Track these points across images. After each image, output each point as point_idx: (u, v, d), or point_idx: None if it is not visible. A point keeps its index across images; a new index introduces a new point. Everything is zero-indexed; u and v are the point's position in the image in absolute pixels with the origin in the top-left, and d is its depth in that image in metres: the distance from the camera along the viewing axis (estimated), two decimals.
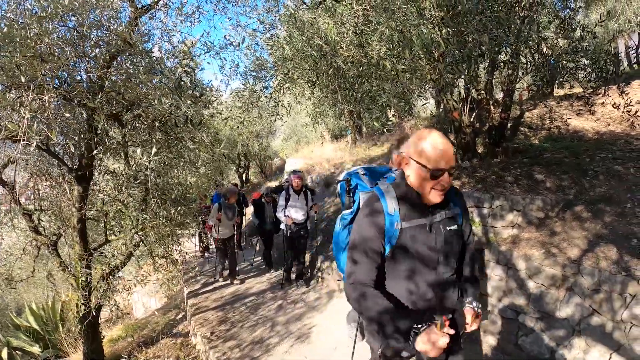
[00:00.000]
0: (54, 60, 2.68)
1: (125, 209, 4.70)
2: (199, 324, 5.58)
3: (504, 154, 6.22)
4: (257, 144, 18.82)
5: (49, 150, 3.99)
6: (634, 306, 3.26)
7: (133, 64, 3.69)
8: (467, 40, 3.58)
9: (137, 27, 3.54)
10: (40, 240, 4.96)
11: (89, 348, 5.08)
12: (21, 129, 2.47)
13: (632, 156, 5.14)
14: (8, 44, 2.44)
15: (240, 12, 4.87)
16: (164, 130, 3.90)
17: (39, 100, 2.77)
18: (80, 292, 4.62)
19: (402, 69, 3.55)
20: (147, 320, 7.70)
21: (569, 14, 4.62)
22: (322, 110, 6.10)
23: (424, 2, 3.55)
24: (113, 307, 4.89)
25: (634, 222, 4.07)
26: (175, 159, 4.41)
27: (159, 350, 5.63)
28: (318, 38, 4.12)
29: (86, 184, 4.38)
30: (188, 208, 5.05)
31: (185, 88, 3.16)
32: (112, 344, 6.47)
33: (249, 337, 4.96)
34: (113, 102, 3.52)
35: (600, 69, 4.82)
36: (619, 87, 4.89)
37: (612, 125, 6.57)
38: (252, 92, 5.48)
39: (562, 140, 6.48)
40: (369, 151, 11.40)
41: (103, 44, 3.30)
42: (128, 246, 4.91)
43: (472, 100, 6.08)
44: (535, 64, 4.48)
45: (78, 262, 4.63)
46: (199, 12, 3.93)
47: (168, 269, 5.11)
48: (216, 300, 6.56)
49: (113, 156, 4.66)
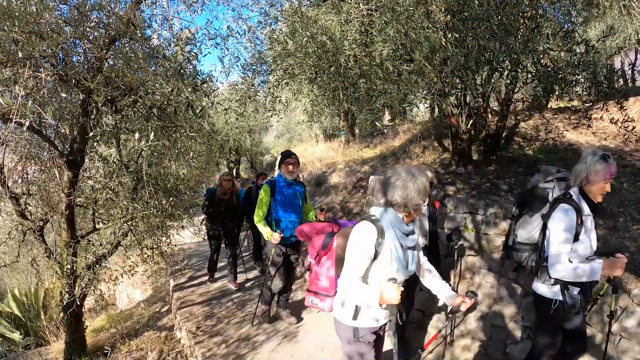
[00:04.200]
0: (53, 38, 2.61)
1: (115, 197, 4.61)
2: (184, 318, 5.50)
3: (499, 162, 6.24)
4: (250, 139, 18.71)
5: (40, 133, 3.90)
6: (624, 319, 3.27)
7: (132, 49, 3.61)
8: (472, 46, 3.57)
9: (138, 11, 3.47)
10: (26, 225, 4.85)
11: (71, 337, 4.97)
12: (14, 107, 2.39)
13: (625, 172, 5.18)
14: (7, 19, 2.37)
15: (243, 4, 4.82)
16: (161, 118, 3.83)
17: (34, 78, 2.68)
18: (64, 280, 4.52)
19: (408, 71, 3.52)
20: (132, 312, 7.58)
21: (572, 27, 4.65)
22: (319, 108, 6.06)
23: (431, 6, 3.54)
24: (98, 297, 4.79)
25: (626, 236, 4.09)
26: (170, 148, 4.34)
27: (142, 342, 5.53)
28: (322, 34, 4.09)
29: (77, 169, 4.28)
30: (180, 200, 4.98)
31: (186, 75, 3.10)
32: (94, 334, 6.34)
33: (235, 333, 4.89)
34: (110, 86, 3.44)
35: (599, 84, 4.86)
36: (617, 102, 4.92)
37: (607, 140, 6.62)
38: (251, 86, 5.42)
39: (557, 152, 6.52)
40: (362, 153, 11.38)
41: (103, 25, 3.22)
42: (117, 235, 4.81)
43: (470, 107, 6.09)
44: (538, 75, 4.49)
45: (64, 249, 4.53)
46: (202, 0, 3.87)
47: (156, 260, 5.03)
48: (202, 295, 6.47)
49: (105, 143, 4.57)
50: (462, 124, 5.97)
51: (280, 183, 4.62)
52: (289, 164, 4.58)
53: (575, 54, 4.44)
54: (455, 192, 5.48)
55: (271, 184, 4.64)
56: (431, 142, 8.17)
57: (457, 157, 6.31)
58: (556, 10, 5.26)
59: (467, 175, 5.97)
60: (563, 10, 5.29)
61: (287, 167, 4.57)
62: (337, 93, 4.68)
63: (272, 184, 4.63)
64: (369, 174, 8.47)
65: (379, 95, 4.17)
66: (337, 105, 5.47)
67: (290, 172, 4.58)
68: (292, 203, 4.64)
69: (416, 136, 9.08)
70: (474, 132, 6.30)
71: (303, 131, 19.55)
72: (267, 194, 4.59)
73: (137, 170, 4.30)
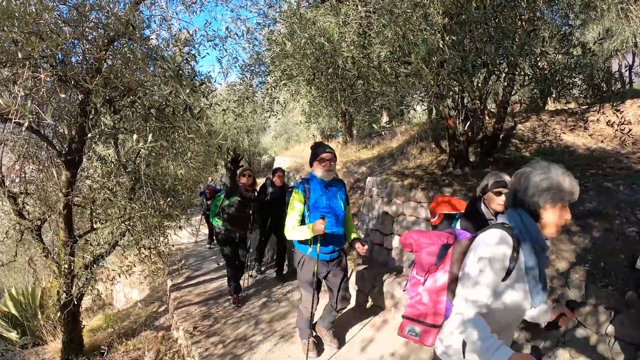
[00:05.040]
0: (52, 39, 2.62)
1: (113, 197, 4.62)
2: (181, 318, 5.51)
3: (495, 164, 6.26)
4: (248, 140, 18.76)
5: (39, 133, 3.90)
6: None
7: (131, 50, 3.62)
8: (470, 49, 3.59)
9: (137, 11, 3.48)
10: (24, 225, 4.85)
11: (68, 337, 4.98)
12: (13, 107, 2.40)
13: (621, 174, 5.21)
14: (7, 19, 2.38)
15: (241, 5, 4.85)
16: (160, 119, 3.84)
17: (33, 78, 2.69)
18: (62, 279, 4.53)
19: (405, 73, 3.54)
20: (129, 312, 7.59)
21: (569, 30, 4.67)
22: (317, 109, 6.08)
23: (428, 8, 3.55)
24: (95, 296, 4.80)
25: (622, 238, 4.12)
26: (168, 149, 4.35)
27: (139, 342, 5.54)
28: (320, 36, 4.10)
29: (75, 169, 4.29)
30: (177, 200, 5.00)
31: (184, 76, 3.11)
32: (92, 333, 6.35)
33: (232, 333, 4.90)
34: (109, 87, 3.45)
35: (596, 86, 4.88)
36: (613, 105, 4.95)
37: (604, 142, 6.66)
38: (249, 87, 5.43)
39: (553, 154, 6.55)
40: (359, 153, 11.40)
41: (102, 26, 3.23)
42: (114, 235, 4.82)
43: (467, 109, 6.11)
44: (535, 78, 4.51)
45: (62, 248, 4.54)
46: (201, 1, 3.88)
47: (153, 260, 5.04)
48: (200, 295, 6.49)
49: (104, 143, 4.58)
50: (459, 126, 5.99)
51: (314, 184, 3.75)
52: (324, 160, 3.68)
53: (572, 56, 4.46)
54: (452, 194, 5.50)
55: (304, 186, 3.76)
56: (428, 143, 8.20)
57: (454, 158, 6.33)
58: (554, 12, 5.30)
59: (463, 177, 5.98)
60: (561, 13, 5.33)
61: (322, 165, 3.68)
62: (334, 94, 4.69)
63: (306, 186, 3.77)
64: (366, 175, 8.49)
65: (376, 96, 4.19)
66: (334, 106, 5.50)
67: (328, 170, 3.68)
68: (332, 209, 3.76)
69: (414, 137, 9.10)
70: (471, 134, 6.32)
71: (301, 132, 19.61)
72: (300, 200, 3.71)
73: (135, 170, 4.31)
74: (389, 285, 4.97)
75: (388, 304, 4.95)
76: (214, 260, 8.78)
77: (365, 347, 4.32)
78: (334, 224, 3.73)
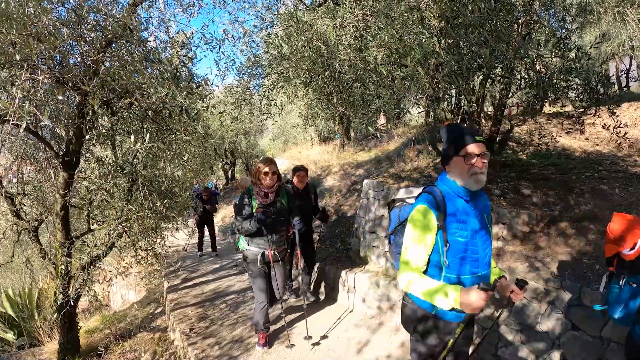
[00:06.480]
0: (50, 41, 2.63)
1: (110, 199, 4.63)
2: (178, 320, 5.51)
3: (492, 166, 6.28)
4: (245, 142, 18.78)
5: (37, 134, 3.91)
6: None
7: (129, 52, 3.64)
8: (465, 52, 3.62)
9: (135, 14, 3.49)
10: (21, 225, 4.86)
11: (64, 338, 4.98)
12: (11, 108, 2.41)
13: (617, 177, 5.23)
14: (5, 21, 2.39)
15: (239, 7, 4.85)
16: (156, 121, 3.85)
17: (31, 80, 2.71)
18: (59, 280, 4.53)
19: (401, 76, 3.57)
20: (125, 313, 7.58)
21: (566, 34, 4.70)
22: (314, 112, 6.09)
23: (425, 12, 3.58)
24: (92, 297, 4.80)
25: None
26: (165, 151, 4.36)
27: (136, 343, 5.54)
28: (317, 39, 4.12)
29: (72, 170, 4.29)
30: (174, 202, 5.00)
31: (181, 79, 3.12)
32: (88, 334, 6.34)
33: (228, 335, 4.91)
34: (106, 89, 3.46)
35: (592, 90, 4.90)
36: (609, 108, 4.98)
37: (600, 145, 6.69)
38: (246, 89, 5.44)
39: (550, 157, 6.58)
40: (357, 156, 11.44)
41: (100, 28, 3.25)
42: (111, 236, 4.83)
43: (464, 112, 6.13)
44: (531, 81, 4.54)
45: (59, 249, 4.54)
46: (199, 3, 3.90)
47: (150, 261, 5.04)
48: (196, 297, 6.49)
49: (101, 144, 4.59)
50: None
51: (451, 198, 2.15)
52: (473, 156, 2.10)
53: (568, 60, 4.49)
54: None
55: (435, 202, 2.11)
56: (425, 146, 8.22)
57: None
58: (550, 16, 5.33)
59: None
60: (557, 17, 5.36)
61: (471, 163, 2.10)
62: (331, 97, 4.71)
63: (437, 201, 2.12)
64: (363, 177, 8.51)
65: (373, 99, 4.21)
66: (331, 109, 5.50)
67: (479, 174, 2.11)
68: (482, 239, 2.17)
69: (411, 140, 9.13)
70: None
71: (298, 134, 19.64)
72: (431, 227, 2.08)
73: (132, 171, 4.32)
74: (385, 288, 4.99)
75: (384, 307, 4.96)
76: (211, 262, 8.80)
77: (361, 349, 4.33)
78: (482, 263, 2.18)
